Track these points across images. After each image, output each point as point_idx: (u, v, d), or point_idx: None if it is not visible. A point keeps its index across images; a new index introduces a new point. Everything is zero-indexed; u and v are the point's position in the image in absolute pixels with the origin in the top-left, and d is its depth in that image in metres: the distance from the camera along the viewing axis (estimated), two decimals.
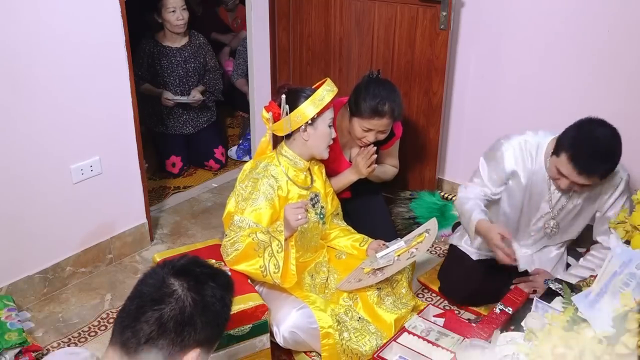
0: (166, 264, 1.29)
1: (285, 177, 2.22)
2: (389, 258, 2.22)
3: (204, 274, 1.29)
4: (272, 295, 2.19)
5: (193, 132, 3.72)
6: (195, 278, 1.27)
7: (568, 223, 2.37)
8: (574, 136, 2.09)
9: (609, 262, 1.53)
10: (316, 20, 3.24)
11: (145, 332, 1.21)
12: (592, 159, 2.05)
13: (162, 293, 1.23)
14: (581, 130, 2.10)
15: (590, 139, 2.07)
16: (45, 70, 2.31)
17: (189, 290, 1.24)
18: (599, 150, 2.06)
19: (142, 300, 1.24)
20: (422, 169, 3.16)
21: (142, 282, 1.28)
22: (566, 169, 2.08)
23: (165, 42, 3.57)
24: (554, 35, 2.72)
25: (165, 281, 1.25)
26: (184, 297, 1.23)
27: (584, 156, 2.04)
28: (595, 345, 1.37)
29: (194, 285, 1.25)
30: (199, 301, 1.25)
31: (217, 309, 1.28)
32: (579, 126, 2.11)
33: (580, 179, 2.07)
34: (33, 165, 2.37)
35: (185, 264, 1.30)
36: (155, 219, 3.12)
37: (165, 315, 1.21)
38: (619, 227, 2.04)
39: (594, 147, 2.05)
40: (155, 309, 1.22)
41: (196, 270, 1.29)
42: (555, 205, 2.30)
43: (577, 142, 2.07)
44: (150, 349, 1.22)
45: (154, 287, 1.25)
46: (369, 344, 2.14)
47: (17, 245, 2.40)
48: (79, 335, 2.36)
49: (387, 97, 2.43)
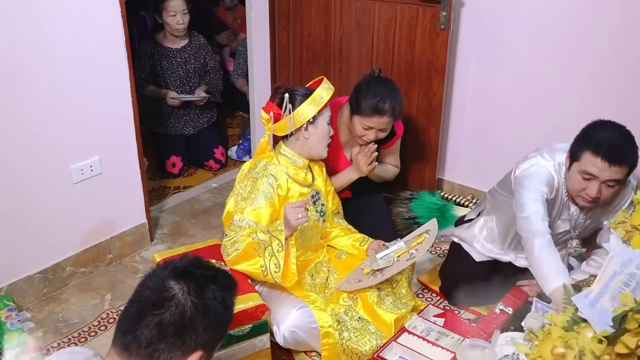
0: (167, 266, 1.29)
1: (285, 175, 2.22)
2: (389, 259, 2.22)
3: (204, 277, 1.29)
4: (272, 295, 2.19)
5: (193, 133, 3.72)
6: (196, 281, 1.26)
7: (588, 236, 2.38)
8: (587, 135, 2.07)
9: (609, 262, 1.53)
10: (316, 20, 3.24)
11: (146, 337, 1.21)
12: (617, 145, 2.00)
13: (162, 297, 1.23)
14: (592, 128, 2.08)
15: (606, 131, 2.04)
16: (46, 70, 2.31)
17: (189, 294, 1.24)
18: (619, 136, 2.02)
19: (142, 305, 1.24)
20: (422, 169, 3.16)
21: (143, 284, 1.28)
22: (594, 167, 2.01)
23: (166, 43, 3.57)
24: (554, 35, 2.72)
25: (165, 284, 1.24)
26: (184, 302, 1.23)
27: (609, 145, 2.00)
28: (595, 345, 1.37)
29: (194, 288, 1.25)
30: (200, 305, 1.24)
31: (218, 311, 1.28)
32: (588, 127, 2.09)
33: (611, 171, 2.00)
34: (33, 165, 2.37)
35: (186, 265, 1.30)
36: (155, 219, 3.12)
37: (166, 320, 1.21)
38: (619, 227, 2.04)
39: (612, 136, 2.02)
40: (155, 313, 1.22)
41: (196, 273, 1.28)
42: (575, 224, 2.29)
43: (595, 136, 2.03)
44: (151, 352, 1.22)
45: (154, 290, 1.25)
46: (369, 344, 2.14)
47: (17, 245, 2.40)
48: (79, 335, 2.36)
49: (388, 95, 2.43)
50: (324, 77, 2.24)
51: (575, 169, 2.09)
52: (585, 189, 2.08)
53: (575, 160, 2.08)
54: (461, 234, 2.54)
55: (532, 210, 2.13)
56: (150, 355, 1.22)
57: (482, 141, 3.09)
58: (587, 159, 2.03)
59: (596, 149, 2.01)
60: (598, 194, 2.07)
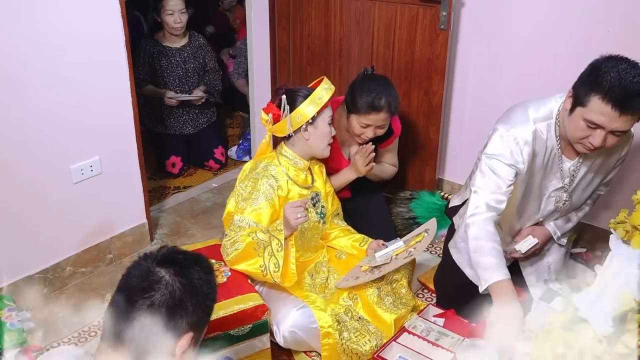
0: (148, 256, 1.31)
1: (285, 176, 2.22)
2: (387, 258, 2.22)
3: (187, 259, 1.32)
4: (272, 295, 2.19)
5: (193, 133, 3.73)
6: (179, 264, 1.29)
7: (579, 194, 2.17)
8: (597, 73, 1.75)
9: (609, 262, 1.52)
10: (316, 20, 3.24)
11: (139, 321, 1.22)
12: (632, 91, 1.69)
13: (151, 281, 1.25)
14: (603, 64, 1.76)
15: (619, 71, 1.71)
16: (45, 70, 2.31)
17: (176, 275, 1.27)
18: (633, 76, 1.71)
19: (131, 291, 1.25)
20: (422, 169, 3.16)
21: (128, 275, 1.31)
22: (602, 115, 1.74)
23: (165, 42, 3.57)
24: (553, 35, 2.72)
25: (151, 270, 1.27)
26: (172, 282, 1.25)
27: (621, 89, 1.69)
28: (595, 345, 1.37)
29: (179, 270, 1.28)
30: (187, 284, 1.27)
31: (204, 290, 1.30)
32: (597, 63, 1.79)
33: (621, 120, 1.73)
34: (33, 165, 2.37)
35: (167, 253, 1.32)
36: (155, 219, 3.12)
37: (157, 302, 1.23)
38: (619, 227, 2.03)
39: (626, 77, 1.70)
40: (145, 296, 1.23)
41: (179, 257, 1.31)
42: (567, 177, 2.08)
43: (606, 77, 1.72)
44: (145, 337, 1.22)
45: (141, 277, 1.27)
46: (368, 344, 2.14)
47: (17, 245, 2.40)
48: (79, 335, 2.36)
49: (383, 91, 2.43)
50: (324, 77, 2.24)
51: (578, 115, 1.83)
52: (588, 137, 1.84)
53: (579, 105, 1.81)
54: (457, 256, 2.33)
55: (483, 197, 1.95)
56: (145, 340, 1.22)
57: (482, 141, 3.07)
58: (595, 105, 1.75)
59: (607, 93, 1.71)
60: (603, 143, 1.83)
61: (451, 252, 2.34)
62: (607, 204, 2.66)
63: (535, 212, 2.22)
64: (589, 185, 2.18)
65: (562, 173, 2.09)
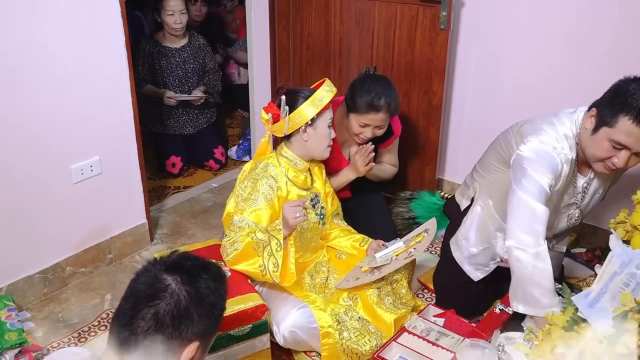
0: (157, 261, 1.31)
1: (284, 177, 2.22)
2: (387, 258, 2.22)
3: (196, 267, 1.31)
4: (272, 295, 2.19)
5: (193, 133, 3.73)
6: (188, 272, 1.28)
7: (586, 210, 2.17)
8: (623, 94, 1.73)
9: (609, 262, 1.52)
10: (316, 20, 3.24)
11: (143, 329, 1.22)
12: None
13: (156, 289, 1.24)
14: (629, 85, 1.75)
15: None
16: (45, 70, 2.31)
17: (183, 283, 1.26)
18: None
19: (138, 298, 1.25)
20: (422, 169, 3.16)
21: (135, 280, 1.30)
22: (630, 137, 1.71)
23: (165, 43, 3.57)
24: (554, 35, 2.72)
25: (158, 277, 1.26)
26: (178, 291, 1.24)
27: None
28: (595, 345, 1.37)
29: (187, 278, 1.27)
30: (194, 294, 1.26)
31: (212, 300, 1.29)
32: (622, 84, 1.78)
33: None
34: (33, 165, 2.37)
35: (176, 259, 1.32)
36: (155, 219, 3.12)
37: (162, 310, 1.22)
38: (619, 227, 2.03)
39: None
40: (150, 304, 1.23)
41: (187, 264, 1.30)
42: (579, 192, 2.05)
43: (636, 97, 1.69)
44: (149, 345, 1.22)
45: (148, 284, 1.26)
46: (368, 344, 2.14)
47: (17, 245, 2.40)
48: (79, 335, 2.36)
49: (383, 91, 2.43)
50: (326, 79, 2.23)
51: (603, 135, 1.78)
52: (611, 157, 1.80)
53: (605, 125, 1.77)
54: (457, 253, 2.33)
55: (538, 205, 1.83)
56: (148, 348, 1.22)
57: (482, 141, 3.08)
58: (624, 126, 1.72)
59: (637, 114, 1.68)
60: (625, 164, 1.80)
61: (451, 249, 2.34)
62: (607, 204, 2.66)
63: (548, 228, 2.21)
64: (593, 199, 2.16)
65: (575, 189, 2.06)
